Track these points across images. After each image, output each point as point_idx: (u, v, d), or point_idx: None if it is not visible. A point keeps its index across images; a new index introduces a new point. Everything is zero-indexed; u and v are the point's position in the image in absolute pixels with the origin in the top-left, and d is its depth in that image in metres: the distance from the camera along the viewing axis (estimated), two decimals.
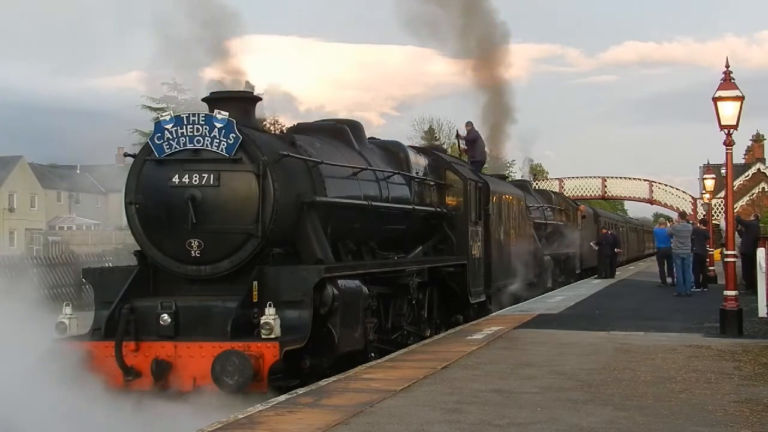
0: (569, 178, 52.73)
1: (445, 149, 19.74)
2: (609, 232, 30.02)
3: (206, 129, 9.35)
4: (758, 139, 58.70)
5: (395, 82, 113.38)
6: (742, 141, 60.07)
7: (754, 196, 52.37)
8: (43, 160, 74.99)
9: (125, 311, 8.96)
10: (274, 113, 11.60)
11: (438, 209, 14.57)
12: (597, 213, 35.06)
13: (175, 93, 41.34)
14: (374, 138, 14.09)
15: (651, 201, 52.60)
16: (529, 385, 8.46)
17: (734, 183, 23.12)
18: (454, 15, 25.66)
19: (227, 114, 9.38)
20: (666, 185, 52.67)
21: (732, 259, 13.73)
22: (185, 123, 9.40)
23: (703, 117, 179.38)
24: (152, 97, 41.46)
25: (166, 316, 8.97)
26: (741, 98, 13.01)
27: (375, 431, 6.59)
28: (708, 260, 23.89)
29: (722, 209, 40.71)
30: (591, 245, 29.76)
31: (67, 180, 73.92)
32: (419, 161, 14.46)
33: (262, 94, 10.90)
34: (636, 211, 77.95)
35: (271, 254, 9.40)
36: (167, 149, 9.43)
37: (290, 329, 8.80)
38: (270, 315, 8.61)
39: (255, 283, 9.07)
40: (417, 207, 13.58)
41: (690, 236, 20.72)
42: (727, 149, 13.26)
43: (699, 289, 21.65)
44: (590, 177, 53.06)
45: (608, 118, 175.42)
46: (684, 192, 51.92)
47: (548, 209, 25.35)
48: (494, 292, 17.20)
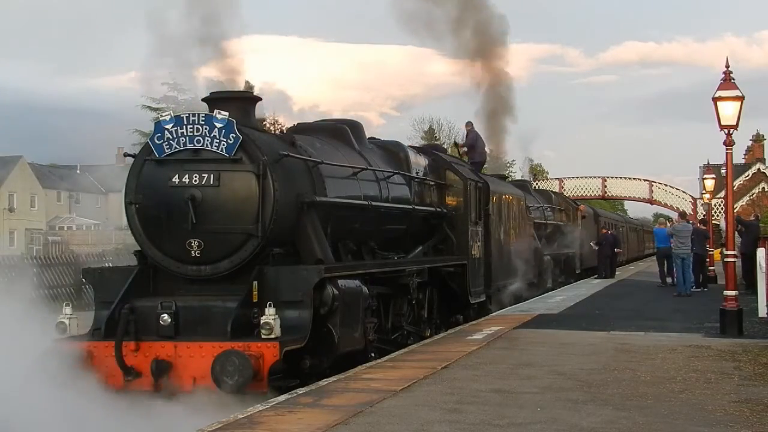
0: (569, 178, 52.73)
1: (445, 149, 19.67)
2: (609, 232, 29.99)
3: (206, 129, 9.35)
4: (758, 139, 58.72)
5: (395, 82, 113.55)
6: (742, 141, 60.22)
7: (754, 196, 52.39)
8: (43, 160, 75.17)
9: (125, 311, 8.96)
10: (264, 113, 11.54)
11: (438, 209, 14.56)
12: (597, 213, 35.06)
13: (175, 93, 41.30)
14: (374, 138, 14.09)
15: (651, 201, 52.60)
16: (529, 385, 8.46)
17: (734, 183, 23.13)
18: (450, 9, 25.59)
19: (227, 114, 9.37)
20: (666, 185, 52.69)
21: (732, 259, 13.73)
22: (185, 123, 9.40)
23: (703, 117, 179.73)
24: (152, 97, 41.42)
25: (166, 316, 8.97)
26: (741, 98, 13.02)
27: (375, 431, 6.59)
28: (708, 260, 23.90)
29: (722, 209, 40.70)
30: (591, 245, 29.76)
31: (67, 180, 73.98)
32: (419, 161, 14.45)
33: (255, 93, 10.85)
34: (636, 211, 78.01)
35: (271, 254, 9.40)
36: (167, 149, 9.43)
37: (290, 329, 8.80)
38: (270, 315, 8.61)
39: (255, 283, 9.07)
40: (417, 207, 13.58)
41: (690, 236, 20.72)
42: (727, 149, 13.27)
43: (699, 289, 21.65)
44: (590, 177, 53.07)
45: (608, 118, 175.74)
46: (684, 192, 51.95)
47: (548, 209, 25.34)
48: (494, 292, 17.20)
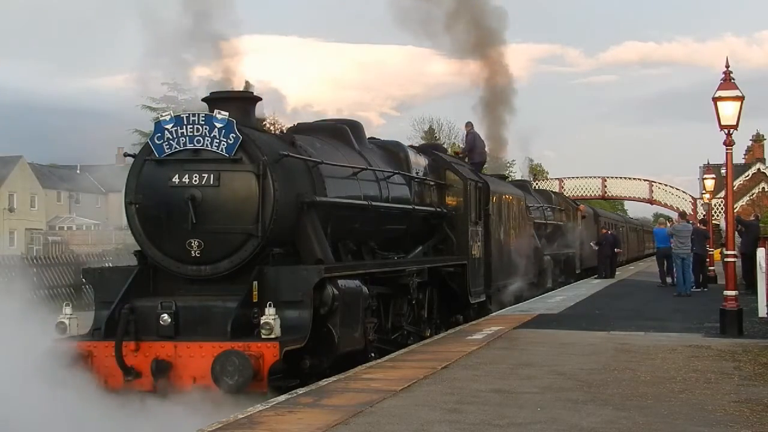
0: (569, 178, 52.74)
1: (445, 149, 19.63)
2: (609, 232, 30.00)
3: (206, 129, 9.34)
4: (758, 139, 58.72)
5: (395, 82, 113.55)
6: (742, 141, 60.22)
7: (754, 196, 52.39)
8: (43, 160, 75.19)
9: (125, 311, 8.96)
10: (263, 113, 11.51)
11: (438, 209, 14.56)
12: (597, 213, 35.06)
13: (175, 93, 41.27)
14: (374, 138, 14.09)
15: (651, 201, 52.61)
16: (529, 385, 8.46)
17: (734, 183, 23.12)
18: (446, 3, 25.47)
19: (227, 114, 9.37)
20: (666, 185, 52.71)
21: (732, 259, 13.73)
22: (185, 123, 9.40)
23: (703, 117, 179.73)
24: (152, 97, 41.38)
25: (166, 316, 8.96)
26: (741, 98, 13.01)
27: (375, 431, 6.59)
28: (708, 260, 23.90)
29: (722, 209, 40.69)
30: (591, 245, 29.76)
31: (67, 180, 73.99)
32: (419, 161, 14.45)
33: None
34: (636, 211, 78.06)
35: (271, 254, 9.39)
36: (167, 149, 9.43)
37: (290, 329, 8.79)
38: (270, 315, 8.61)
39: (255, 283, 9.06)
40: (417, 207, 13.58)
41: (690, 236, 20.73)
42: (727, 149, 13.27)
43: (699, 289, 21.65)
44: (590, 177, 53.08)
45: (608, 118, 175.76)
46: (684, 192, 51.97)
47: (548, 209, 25.34)
48: (494, 292, 17.21)
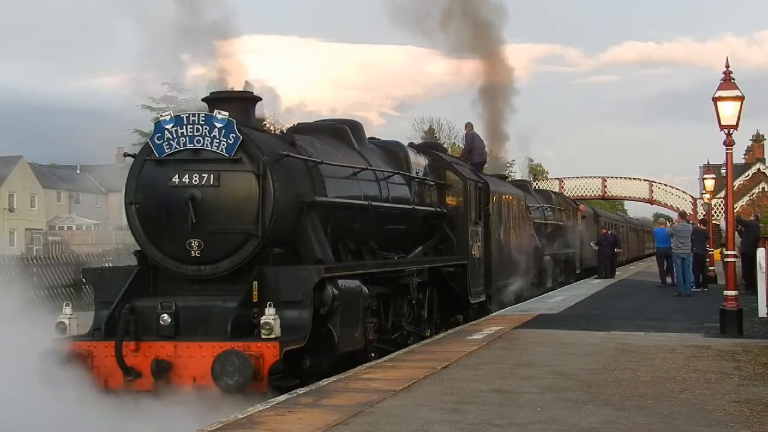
0: (569, 178, 52.75)
1: (445, 149, 19.61)
2: (609, 232, 30.00)
3: (206, 129, 9.34)
4: (758, 139, 58.74)
5: (395, 82, 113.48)
6: (742, 141, 60.24)
7: (754, 196, 52.41)
8: (43, 160, 75.20)
9: (125, 311, 8.95)
10: (263, 113, 11.49)
11: (438, 209, 14.56)
12: (597, 213, 35.07)
13: (175, 93, 41.24)
14: (374, 138, 14.09)
15: (651, 201, 52.62)
16: (529, 385, 8.46)
17: (734, 183, 23.12)
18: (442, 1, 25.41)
19: (227, 114, 9.37)
20: (666, 185, 52.73)
21: (732, 259, 13.73)
22: (185, 123, 9.39)
23: (703, 117, 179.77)
24: (152, 97, 41.35)
25: (166, 316, 8.96)
26: (741, 98, 13.02)
27: (375, 431, 6.59)
28: (708, 260, 23.90)
29: (722, 209, 40.69)
30: (591, 245, 29.76)
31: (67, 180, 74.02)
32: (419, 161, 14.45)
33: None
34: (636, 211, 78.10)
35: (271, 254, 9.39)
36: (167, 149, 9.42)
37: (290, 329, 8.79)
38: (270, 315, 8.60)
39: (255, 283, 9.06)
40: (417, 207, 13.57)
41: (690, 236, 20.74)
42: (727, 149, 13.27)
43: (699, 289, 21.66)
44: (590, 177, 53.09)
45: (608, 118, 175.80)
46: (684, 192, 51.98)
47: (548, 209, 25.34)
48: (494, 292, 17.21)
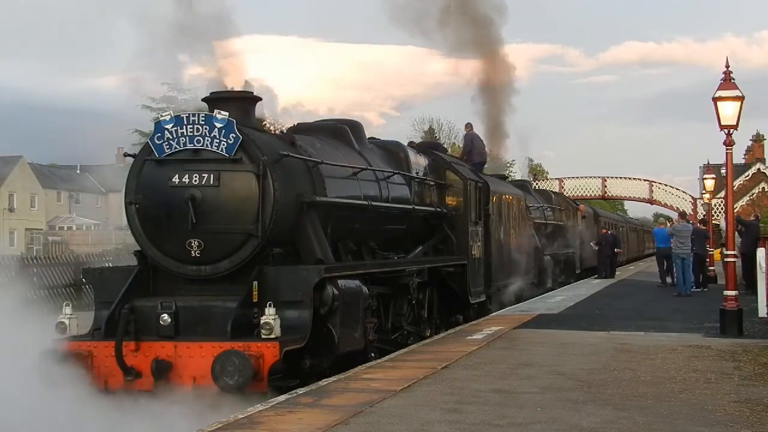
0: (569, 178, 52.75)
1: (445, 149, 19.61)
2: (609, 232, 30.01)
3: (206, 129, 9.34)
4: (758, 139, 58.73)
5: (395, 82, 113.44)
6: (742, 141, 60.21)
7: (754, 196, 52.40)
8: (43, 160, 75.20)
9: (125, 311, 8.95)
10: (263, 113, 11.49)
11: (438, 209, 14.56)
12: (597, 213, 35.07)
13: (175, 93, 41.24)
14: (374, 138, 14.09)
15: (651, 201, 52.62)
16: (529, 385, 8.46)
17: (734, 183, 23.12)
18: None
19: (227, 114, 9.37)
20: (666, 185, 52.72)
21: (732, 259, 13.73)
22: (185, 123, 9.39)
23: (703, 117, 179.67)
24: (152, 97, 41.34)
25: (166, 316, 8.96)
26: (741, 98, 13.01)
27: (375, 431, 6.59)
28: (708, 260, 23.90)
29: (722, 209, 40.69)
30: (591, 245, 29.76)
31: (67, 180, 74.04)
32: (419, 161, 14.45)
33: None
34: (636, 211, 78.09)
35: (271, 254, 9.39)
36: (167, 149, 9.42)
37: (290, 329, 8.79)
38: (270, 315, 8.61)
39: (255, 283, 9.06)
40: (417, 207, 13.57)
41: (690, 236, 20.74)
42: (727, 149, 13.27)
43: (699, 289, 21.66)
44: (590, 177, 53.08)
45: (608, 118, 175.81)
46: (684, 192, 51.97)
47: (548, 209, 25.34)
48: (494, 292, 17.21)
